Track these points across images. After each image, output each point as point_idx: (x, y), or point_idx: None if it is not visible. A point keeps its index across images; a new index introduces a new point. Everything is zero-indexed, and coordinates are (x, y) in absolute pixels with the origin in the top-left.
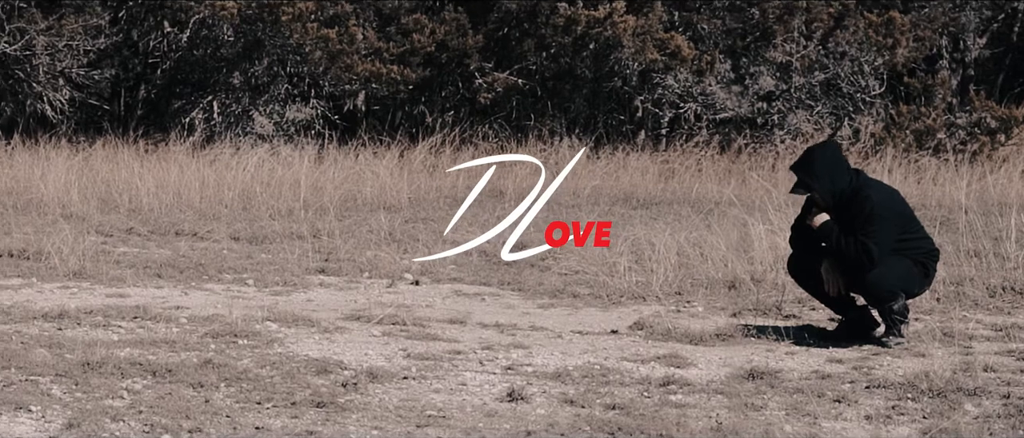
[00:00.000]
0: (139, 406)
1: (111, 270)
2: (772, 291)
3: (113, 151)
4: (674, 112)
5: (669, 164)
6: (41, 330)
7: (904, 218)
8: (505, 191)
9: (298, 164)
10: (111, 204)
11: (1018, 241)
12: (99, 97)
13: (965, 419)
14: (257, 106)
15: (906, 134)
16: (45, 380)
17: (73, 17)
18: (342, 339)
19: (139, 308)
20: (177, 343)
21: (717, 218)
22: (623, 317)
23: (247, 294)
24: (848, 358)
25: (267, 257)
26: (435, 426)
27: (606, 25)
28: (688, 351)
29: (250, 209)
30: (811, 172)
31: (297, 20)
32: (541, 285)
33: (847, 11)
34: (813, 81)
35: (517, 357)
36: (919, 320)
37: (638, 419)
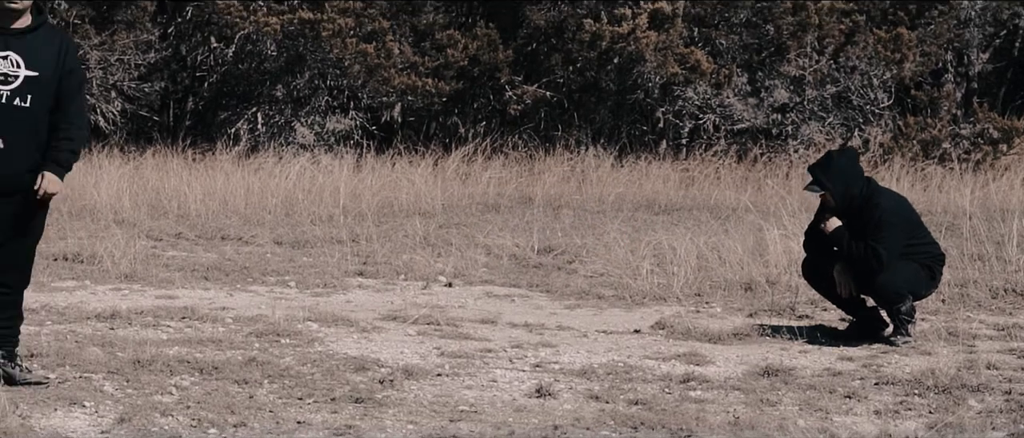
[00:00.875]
0: (187, 402)
1: (160, 273)
2: (786, 293)
3: (162, 160)
4: (694, 123)
5: (689, 172)
6: (94, 330)
7: (912, 224)
8: (534, 197)
9: (338, 172)
10: (161, 210)
11: (1019, 245)
12: (149, 109)
13: (969, 414)
14: (299, 117)
15: (913, 144)
16: (98, 377)
17: (125, 33)
18: (379, 338)
19: (187, 309)
20: (223, 342)
21: (734, 223)
22: (645, 317)
23: (289, 295)
24: (858, 356)
25: (308, 260)
26: (467, 421)
27: (629, 40)
28: (707, 349)
29: (292, 215)
30: (828, 173)
31: (337, 36)
32: (568, 287)
33: (857, 28)
34: (825, 94)
35: (545, 355)
36: (925, 320)
37: (659, 414)
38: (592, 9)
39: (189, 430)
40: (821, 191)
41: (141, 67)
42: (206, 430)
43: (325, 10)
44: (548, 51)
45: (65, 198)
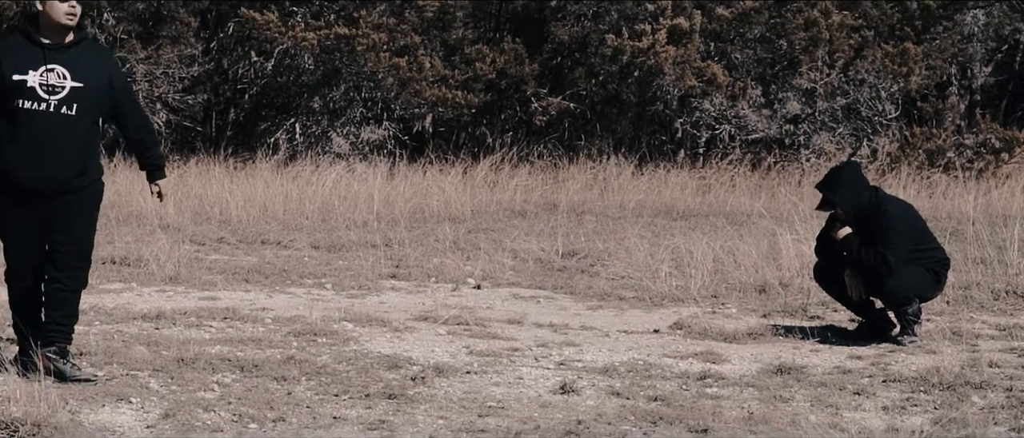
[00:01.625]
0: (228, 398)
1: (203, 275)
2: (798, 295)
3: (205, 168)
4: (710, 133)
5: (706, 180)
6: (140, 329)
7: (918, 231)
8: (558, 204)
9: (372, 180)
10: (204, 216)
11: (1020, 250)
12: (193, 120)
13: (972, 410)
14: (335, 128)
15: (919, 153)
16: (144, 374)
17: (169, 47)
18: (411, 338)
19: (229, 310)
20: (263, 341)
21: (749, 229)
22: (664, 318)
23: (326, 297)
24: (867, 355)
25: (344, 264)
26: (495, 416)
27: (649, 55)
28: (723, 348)
29: (328, 220)
30: (835, 191)
31: (371, 50)
32: (590, 289)
33: (866, 42)
34: (835, 105)
35: (569, 354)
36: (931, 321)
37: (677, 409)
38: (614, 25)
39: (230, 425)
40: (833, 210)
41: (185, 80)
42: (247, 425)
43: (360, 26)
44: (572, 65)
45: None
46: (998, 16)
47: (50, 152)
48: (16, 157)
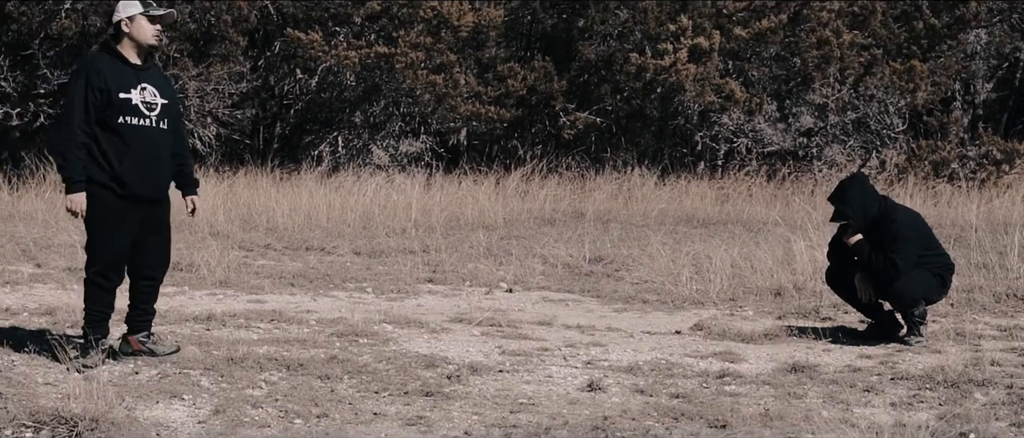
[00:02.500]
0: (275, 395)
1: (251, 280)
2: (812, 298)
3: (253, 179)
4: (728, 146)
5: (724, 190)
6: (192, 330)
7: (925, 237)
8: (585, 213)
9: (410, 190)
10: (251, 224)
11: (1020, 255)
12: (241, 133)
13: (975, 406)
14: (375, 141)
15: (925, 164)
16: (195, 373)
17: (219, 65)
18: (447, 338)
19: (275, 312)
20: (307, 341)
21: (765, 236)
22: (685, 320)
23: (367, 300)
24: (876, 354)
25: (383, 269)
26: (526, 412)
27: (671, 72)
28: (740, 348)
29: (369, 228)
30: (846, 203)
31: (409, 68)
32: (616, 292)
33: (875, 60)
34: (846, 120)
35: (596, 353)
36: (936, 322)
37: (698, 406)
38: (638, 44)
39: (277, 420)
40: (846, 222)
41: (234, 96)
42: (292, 421)
43: (398, 45)
44: (598, 82)
45: None
46: (999, 36)
47: (155, 163)
48: (129, 168)
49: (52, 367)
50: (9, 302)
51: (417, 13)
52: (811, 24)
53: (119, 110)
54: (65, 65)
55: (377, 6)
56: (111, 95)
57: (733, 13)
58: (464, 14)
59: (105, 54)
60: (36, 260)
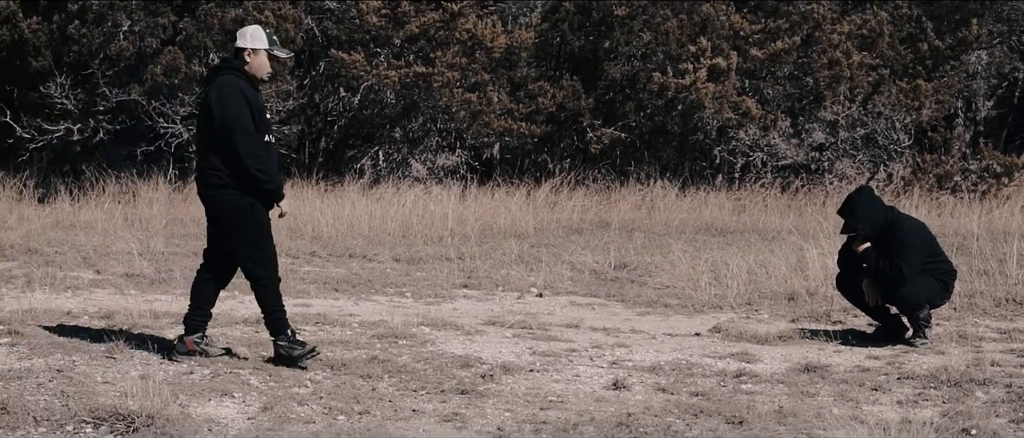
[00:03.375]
0: (320, 393)
1: (298, 285)
2: (823, 302)
3: (300, 190)
4: (745, 159)
5: (741, 201)
6: (242, 333)
7: (929, 245)
8: (611, 222)
9: (446, 201)
10: (298, 232)
11: (1019, 262)
12: (288, 148)
13: (976, 404)
14: (414, 155)
15: (929, 177)
16: (245, 372)
17: (268, 84)
18: (481, 340)
19: (320, 315)
20: (350, 343)
21: (779, 244)
22: (704, 322)
23: (406, 304)
24: (883, 355)
25: (421, 275)
26: (555, 409)
27: (691, 91)
28: (756, 349)
29: (408, 236)
30: (855, 215)
31: (445, 86)
32: (639, 297)
33: (882, 80)
34: (855, 135)
35: (620, 354)
36: (940, 325)
37: (716, 403)
38: (660, 64)
39: (321, 417)
40: (855, 233)
41: (281, 113)
42: (336, 417)
43: (436, 65)
44: (623, 99)
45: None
46: (999, 56)
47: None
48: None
49: (110, 367)
50: (70, 306)
51: (453, 35)
52: (822, 46)
53: (261, 128)
54: (123, 84)
55: (416, 29)
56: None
57: (749, 35)
58: (497, 36)
59: (238, 76)
60: (95, 267)
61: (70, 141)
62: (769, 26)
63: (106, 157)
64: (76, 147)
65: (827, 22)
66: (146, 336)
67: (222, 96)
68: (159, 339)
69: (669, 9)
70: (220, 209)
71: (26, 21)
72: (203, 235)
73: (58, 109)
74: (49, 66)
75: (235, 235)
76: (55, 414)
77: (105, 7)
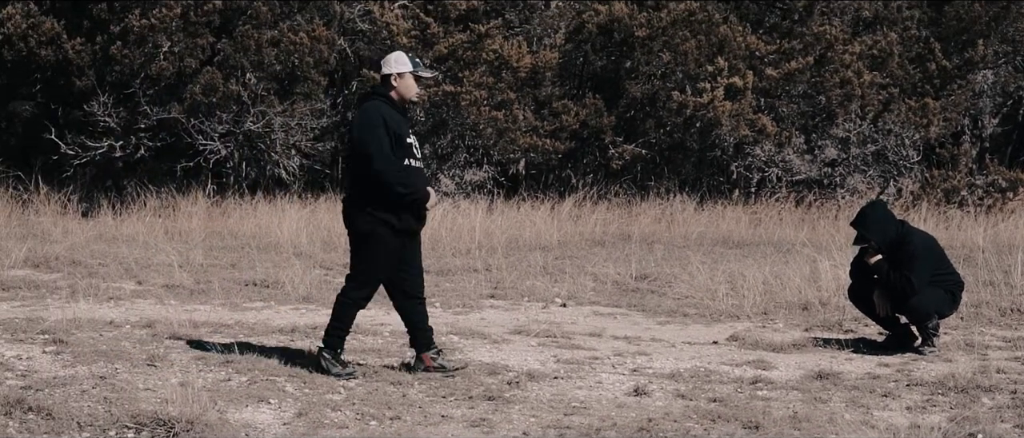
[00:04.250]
0: (352, 399)
1: (331, 296)
2: (835, 312)
3: (333, 205)
4: (760, 175)
5: (756, 215)
6: (278, 341)
7: (938, 257)
8: (632, 235)
9: (474, 215)
10: (331, 245)
11: (1023, 273)
12: (322, 164)
13: (982, 409)
14: (442, 170)
15: (937, 192)
16: (281, 379)
17: (302, 102)
18: (507, 348)
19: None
20: (381, 351)
21: (793, 256)
22: (722, 331)
23: (435, 314)
24: (893, 363)
25: (450, 285)
26: (578, 415)
27: (709, 108)
28: (771, 357)
29: (437, 249)
30: (867, 227)
31: (473, 105)
32: (659, 307)
33: (892, 98)
34: (866, 151)
35: (641, 362)
36: (948, 334)
37: (733, 409)
38: (679, 83)
39: (354, 422)
40: (867, 244)
41: (315, 130)
42: (367, 423)
43: (464, 84)
44: (643, 117)
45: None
46: (1004, 76)
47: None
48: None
49: (151, 374)
50: (113, 316)
51: (480, 56)
52: (835, 65)
53: (403, 152)
54: (163, 102)
55: (445, 49)
56: (402, 138)
57: (765, 55)
58: (523, 56)
59: (382, 102)
60: (137, 278)
61: (112, 157)
62: (784, 47)
63: (147, 173)
64: (118, 163)
65: (839, 43)
66: (186, 344)
67: (361, 121)
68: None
69: (688, 30)
70: (352, 227)
71: (70, 42)
72: (240, 247)
73: (101, 127)
74: (92, 85)
75: (358, 252)
76: (98, 420)
77: (146, 29)
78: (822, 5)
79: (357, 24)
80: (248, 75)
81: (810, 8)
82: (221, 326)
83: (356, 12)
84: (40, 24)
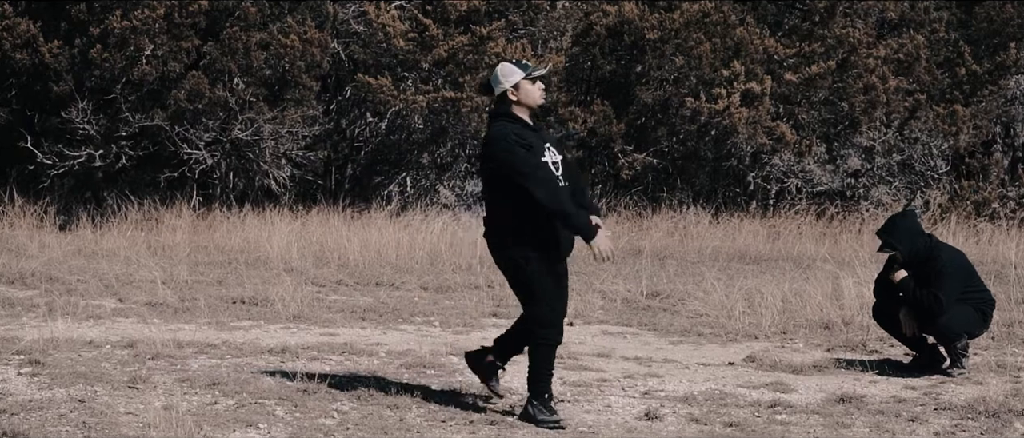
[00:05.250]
0: (346, 424)
1: (324, 314)
2: (859, 332)
3: (325, 218)
4: (779, 186)
5: (775, 228)
6: (267, 362)
7: (967, 274)
8: (643, 249)
9: (475, 228)
10: (324, 260)
11: None
12: (314, 174)
13: (1015, 435)
14: (442, 181)
15: (967, 204)
16: (270, 402)
17: (293, 109)
18: (511, 370)
19: (346, 344)
20: (377, 372)
21: (814, 272)
22: (738, 352)
23: (434, 333)
24: (920, 386)
25: (450, 303)
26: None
27: (724, 115)
28: (791, 379)
29: (436, 264)
30: (895, 235)
31: (474, 111)
32: (672, 325)
33: (919, 105)
34: (892, 161)
35: (652, 384)
36: (978, 355)
37: (750, 435)
38: (693, 89)
39: None
40: (893, 252)
41: (307, 138)
42: None
43: (464, 89)
44: (655, 124)
45: (242, 250)
46: None
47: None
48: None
49: (133, 397)
50: (93, 335)
51: (482, 59)
52: (858, 70)
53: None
54: (146, 109)
55: (444, 52)
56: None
57: (784, 59)
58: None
59: (507, 122)
60: (118, 295)
61: (92, 167)
62: (804, 50)
63: (129, 183)
64: (98, 173)
65: (863, 46)
66: (170, 366)
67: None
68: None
69: (702, 33)
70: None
71: (47, 45)
72: (227, 262)
73: (80, 135)
74: (70, 91)
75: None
76: None
77: (127, 31)
78: (845, 6)
79: (351, 26)
80: (236, 80)
81: (832, 9)
82: (207, 346)
83: (350, 13)
84: (15, 26)
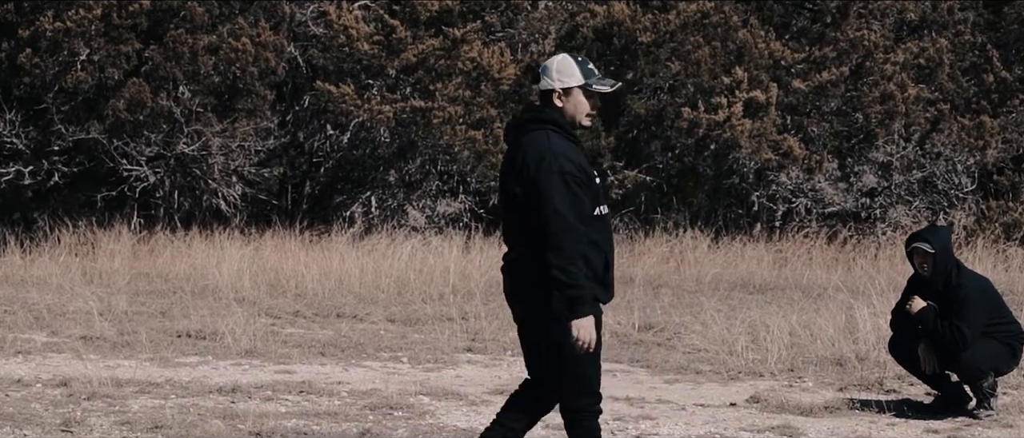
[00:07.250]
0: None
1: (279, 349)
2: (875, 368)
3: (281, 241)
4: (787, 206)
5: (782, 253)
6: (216, 403)
7: (994, 304)
8: (635, 277)
9: (447, 253)
10: (279, 289)
11: None
12: (268, 193)
13: None
14: (411, 201)
15: (995, 227)
16: None
17: (245, 120)
18: (488, 411)
19: (304, 383)
20: (339, 415)
21: (825, 302)
22: (741, 391)
23: (402, 370)
24: (943, 429)
25: (420, 337)
26: None
27: (725, 128)
28: (800, 422)
29: (404, 294)
30: (935, 237)
31: (446, 123)
32: (667, 362)
33: (942, 116)
34: (911, 179)
35: (645, 427)
36: (1007, 394)
37: None
38: (690, 98)
39: None
40: (930, 249)
41: (260, 153)
42: None
43: (436, 99)
44: (648, 138)
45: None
46: None
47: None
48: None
49: None
50: (21, 373)
51: (455, 65)
52: (874, 77)
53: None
54: (81, 121)
55: (413, 57)
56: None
57: (792, 65)
58: (505, 66)
59: (553, 131)
60: (50, 328)
61: (21, 185)
62: (814, 55)
63: (61, 203)
64: (28, 192)
65: (879, 50)
66: (107, 407)
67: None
68: (123, 409)
69: (701, 36)
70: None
71: None
72: (171, 292)
73: (7, 149)
74: None
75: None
76: None
77: (60, 33)
78: (859, 6)
79: (310, 28)
80: (181, 88)
81: (845, 10)
82: (149, 385)
83: (309, 13)
84: None
